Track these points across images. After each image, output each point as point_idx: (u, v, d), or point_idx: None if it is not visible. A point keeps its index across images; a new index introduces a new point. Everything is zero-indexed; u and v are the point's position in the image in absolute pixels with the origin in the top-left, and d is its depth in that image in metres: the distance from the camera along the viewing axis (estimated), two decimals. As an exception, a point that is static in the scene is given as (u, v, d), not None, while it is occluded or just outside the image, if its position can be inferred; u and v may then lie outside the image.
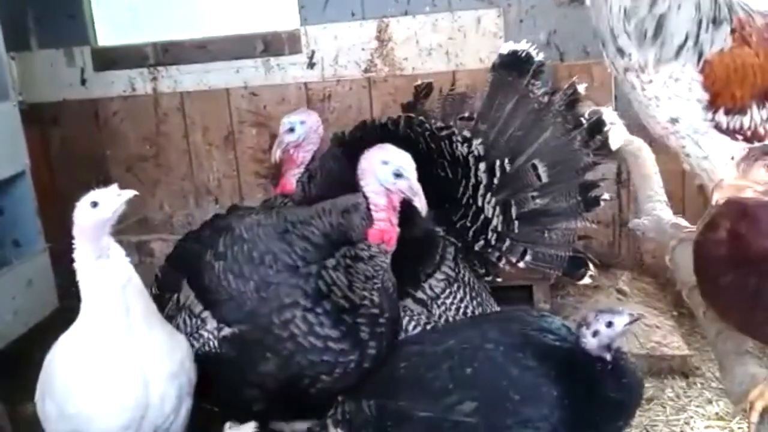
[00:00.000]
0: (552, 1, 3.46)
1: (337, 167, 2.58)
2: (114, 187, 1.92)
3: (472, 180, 2.53)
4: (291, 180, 2.68)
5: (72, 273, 1.99)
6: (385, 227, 2.02)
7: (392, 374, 2.04)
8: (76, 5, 3.79)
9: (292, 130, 2.66)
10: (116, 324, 1.92)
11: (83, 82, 3.86)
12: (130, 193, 1.91)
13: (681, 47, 1.64)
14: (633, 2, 1.66)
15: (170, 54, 3.79)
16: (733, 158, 1.28)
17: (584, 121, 2.53)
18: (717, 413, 2.59)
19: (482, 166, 2.51)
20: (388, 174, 2.00)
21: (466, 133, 2.56)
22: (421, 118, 2.61)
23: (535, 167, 2.53)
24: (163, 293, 2.37)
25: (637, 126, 2.27)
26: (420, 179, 2.01)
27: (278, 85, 3.72)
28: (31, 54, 3.83)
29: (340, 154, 2.62)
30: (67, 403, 1.94)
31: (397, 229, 2.04)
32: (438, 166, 2.52)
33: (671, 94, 1.64)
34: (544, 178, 2.52)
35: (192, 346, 2.13)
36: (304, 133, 2.67)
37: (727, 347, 1.64)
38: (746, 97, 1.62)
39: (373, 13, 3.60)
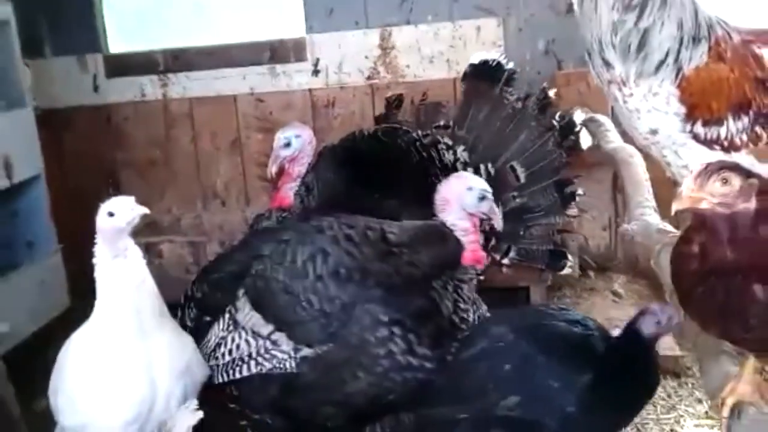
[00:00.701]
0: (550, 11, 3.55)
1: (334, 178, 2.62)
2: (131, 200, 2.01)
3: None
4: (288, 194, 2.65)
5: (82, 273, 2.09)
6: (475, 249, 2.15)
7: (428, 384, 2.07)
8: (89, 14, 3.89)
9: (288, 144, 2.64)
10: (127, 322, 1.99)
11: (95, 88, 3.96)
12: (144, 210, 2.00)
13: (661, 63, 1.72)
14: (620, 16, 1.74)
15: (180, 61, 3.89)
16: (691, 172, 1.36)
17: (556, 124, 2.65)
18: (706, 412, 2.66)
19: (469, 171, 2.60)
20: (474, 199, 2.12)
21: (448, 141, 2.65)
22: (405, 128, 2.69)
23: (513, 169, 2.65)
24: (203, 315, 2.32)
25: (624, 133, 2.38)
26: (416, 188, 2.11)
27: (284, 91, 3.82)
28: (46, 61, 3.93)
29: (336, 165, 2.65)
30: (77, 397, 2.01)
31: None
32: (432, 174, 2.60)
33: (650, 107, 1.72)
34: (522, 179, 2.64)
35: (260, 366, 2.09)
36: (299, 146, 2.64)
37: (706, 348, 1.72)
38: (722, 109, 1.70)
39: (376, 22, 3.70)
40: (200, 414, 2.02)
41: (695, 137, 1.72)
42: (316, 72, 3.79)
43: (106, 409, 1.98)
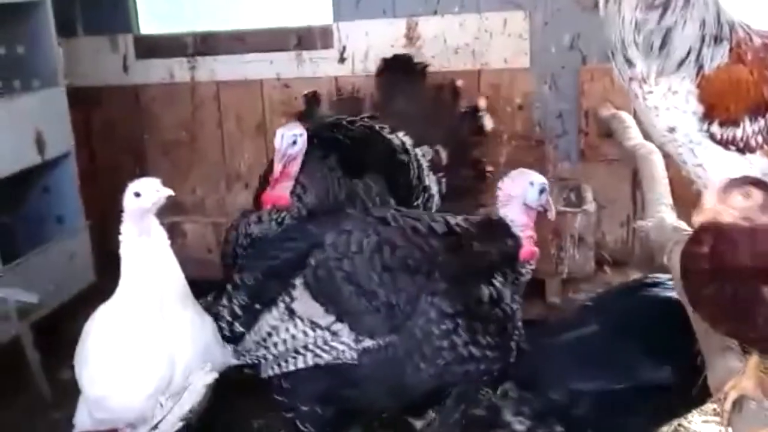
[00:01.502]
0: (576, 6, 3.55)
1: (325, 173, 2.64)
2: (157, 182, 2.09)
3: (415, 164, 2.84)
4: (284, 193, 2.56)
5: (108, 249, 2.17)
6: (531, 244, 2.22)
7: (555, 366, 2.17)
8: (122, -5, 3.95)
9: (294, 142, 2.56)
10: (149, 300, 2.08)
11: (125, 68, 4.02)
12: (168, 191, 2.08)
13: (683, 61, 1.75)
14: (643, 15, 1.76)
15: (208, 44, 3.94)
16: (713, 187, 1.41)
17: (466, 109, 2.94)
18: (714, 409, 2.69)
19: (418, 151, 2.83)
20: (536, 193, 2.20)
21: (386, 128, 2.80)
22: (357, 117, 2.84)
23: (437, 152, 2.86)
24: (254, 302, 2.31)
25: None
26: (388, 171, 2.20)
27: (310, 78, 3.85)
28: (77, 40, 3.99)
29: (323, 161, 2.65)
30: (98, 370, 2.11)
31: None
32: (397, 156, 2.77)
33: (669, 105, 1.75)
34: (445, 160, 2.88)
35: (318, 358, 2.11)
36: (302, 145, 2.58)
37: (713, 343, 1.76)
38: (740, 110, 1.72)
39: (403, 12, 3.72)
40: (215, 374, 2.11)
41: (711, 137, 1.75)
42: (342, 59, 3.82)
43: (125, 382, 2.07)
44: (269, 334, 2.21)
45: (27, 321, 2.92)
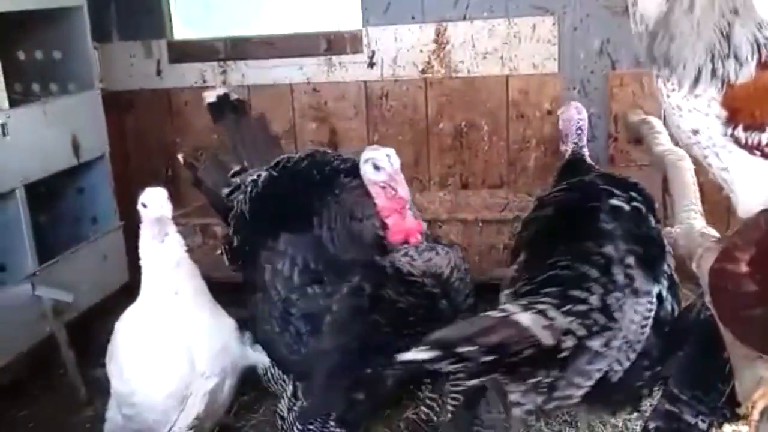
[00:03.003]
0: (606, 11, 3.55)
1: None
2: (163, 195, 2.13)
3: None
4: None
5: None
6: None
7: None
8: (155, 1, 4.03)
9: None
10: (165, 302, 2.14)
11: (159, 73, 4.10)
12: (168, 210, 2.12)
13: (697, 78, 1.72)
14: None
15: (239, 49, 4.00)
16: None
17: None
18: (744, 415, 2.66)
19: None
20: (370, 169, 2.21)
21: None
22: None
23: None
24: None
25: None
26: None
27: (339, 82, 3.90)
28: (113, 46, 4.08)
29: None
30: (124, 368, 2.19)
31: None
32: None
33: (691, 107, 1.73)
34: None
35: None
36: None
37: (741, 352, 1.75)
38: (765, 115, 1.69)
39: (432, 17, 3.75)
40: (215, 380, 2.18)
41: (736, 141, 1.72)
42: (371, 64, 3.86)
43: (148, 381, 2.15)
44: None
45: (62, 319, 2.98)
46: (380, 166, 2.18)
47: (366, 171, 2.21)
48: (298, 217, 2.28)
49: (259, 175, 2.41)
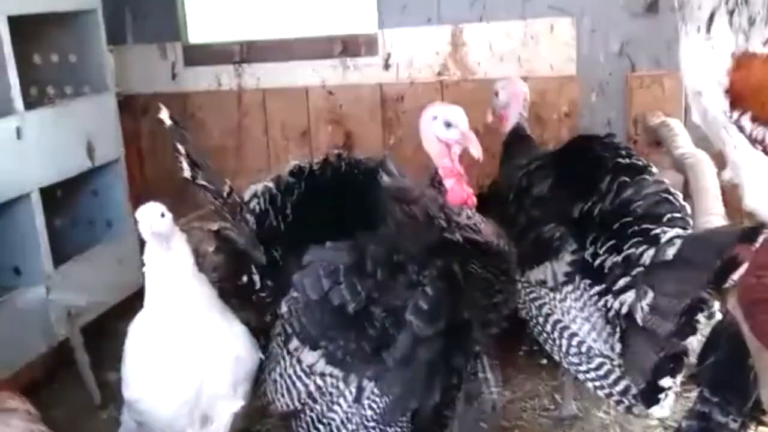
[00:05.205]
0: (625, 12, 3.50)
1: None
2: (157, 211, 2.08)
3: None
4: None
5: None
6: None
7: None
8: (170, 4, 4.02)
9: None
10: (172, 312, 2.11)
11: (174, 76, 4.09)
12: (160, 227, 2.07)
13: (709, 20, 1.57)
14: None
15: (254, 52, 3.99)
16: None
17: None
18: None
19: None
20: (441, 127, 2.15)
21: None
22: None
23: None
24: None
25: (701, 138, 2.34)
26: None
27: (354, 85, 3.88)
28: (127, 48, 4.07)
29: None
30: (134, 375, 2.17)
31: None
32: None
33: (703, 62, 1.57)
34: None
35: None
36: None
37: (766, 359, 1.71)
38: None
39: (448, 19, 3.71)
40: (242, 402, 2.16)
41: (741, 129, 1.61)
42: (386, 67, 3.83)
43: (157, 389, 2.12)
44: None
45: (77, 323, 2.98)
46: (453, 123, 2.11)
47: (435, 128, 2.14)
48: (351, 219, 2.21)
49: (277, 185, 2.37)
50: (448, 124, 2.12)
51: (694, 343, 2.01)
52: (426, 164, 2.26)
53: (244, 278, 2.29)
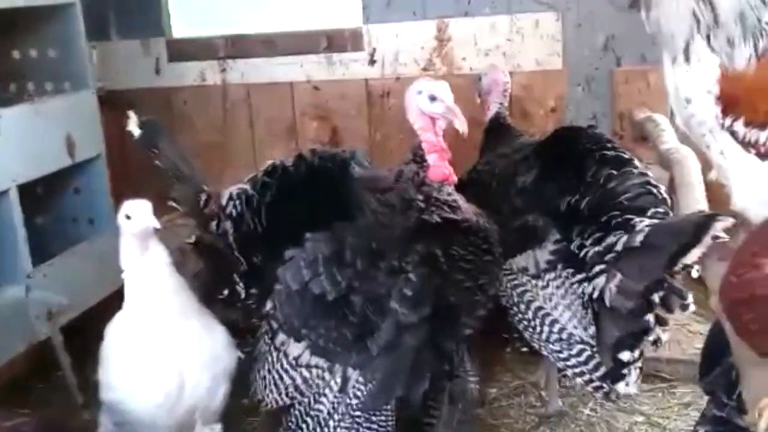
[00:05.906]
0: (611, 7, 3.49)
1: None
2: (147, 208, 2.08)
3: None
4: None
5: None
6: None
7: None
8: (154, -1, 3.98)
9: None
10: (151, 314, 2.11)
11: (158, 71, 4.05)
12: (154, 224, 2.07)
13: (686, 49, 1.62)
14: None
15: (239, 47, 3.95)
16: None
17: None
18: (751, 421, 2.60)
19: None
20: (425, 101, 2.17)
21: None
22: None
23: None
24: None
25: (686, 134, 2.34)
26: None
27: (340, 80, 3.85)
28: (111, 44, 4.04)
29: None
30: (113, 377, 2.17)
31: None
32: None
33: (690, 77, 1.62)
34: None
35: None
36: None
37: (746, 356, 1.69)
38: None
39: (433, 13, 3.69)
40: (219, 426, 2.22)
41: (733, 135, 1.63)
42: (372, 62, 3.81)
43: (137, 391, 2.12)
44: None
45: (57, 323, 2.95)
46: (438, 97, 2.13)
47: (420, 101, 2.17)
48: (327, 213, 2.19)
49: (253, 186, 2.33)
50: (433, 98, 2.14)
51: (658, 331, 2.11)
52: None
53: (226, 291, 2.27)
